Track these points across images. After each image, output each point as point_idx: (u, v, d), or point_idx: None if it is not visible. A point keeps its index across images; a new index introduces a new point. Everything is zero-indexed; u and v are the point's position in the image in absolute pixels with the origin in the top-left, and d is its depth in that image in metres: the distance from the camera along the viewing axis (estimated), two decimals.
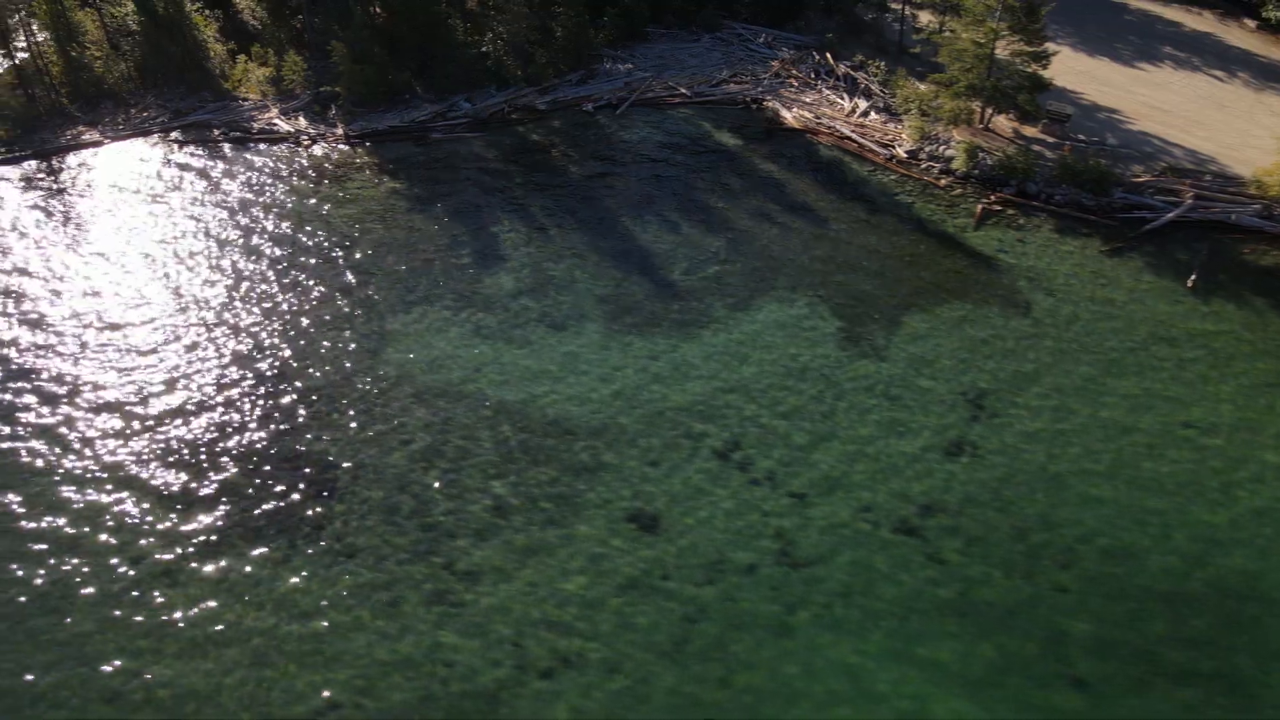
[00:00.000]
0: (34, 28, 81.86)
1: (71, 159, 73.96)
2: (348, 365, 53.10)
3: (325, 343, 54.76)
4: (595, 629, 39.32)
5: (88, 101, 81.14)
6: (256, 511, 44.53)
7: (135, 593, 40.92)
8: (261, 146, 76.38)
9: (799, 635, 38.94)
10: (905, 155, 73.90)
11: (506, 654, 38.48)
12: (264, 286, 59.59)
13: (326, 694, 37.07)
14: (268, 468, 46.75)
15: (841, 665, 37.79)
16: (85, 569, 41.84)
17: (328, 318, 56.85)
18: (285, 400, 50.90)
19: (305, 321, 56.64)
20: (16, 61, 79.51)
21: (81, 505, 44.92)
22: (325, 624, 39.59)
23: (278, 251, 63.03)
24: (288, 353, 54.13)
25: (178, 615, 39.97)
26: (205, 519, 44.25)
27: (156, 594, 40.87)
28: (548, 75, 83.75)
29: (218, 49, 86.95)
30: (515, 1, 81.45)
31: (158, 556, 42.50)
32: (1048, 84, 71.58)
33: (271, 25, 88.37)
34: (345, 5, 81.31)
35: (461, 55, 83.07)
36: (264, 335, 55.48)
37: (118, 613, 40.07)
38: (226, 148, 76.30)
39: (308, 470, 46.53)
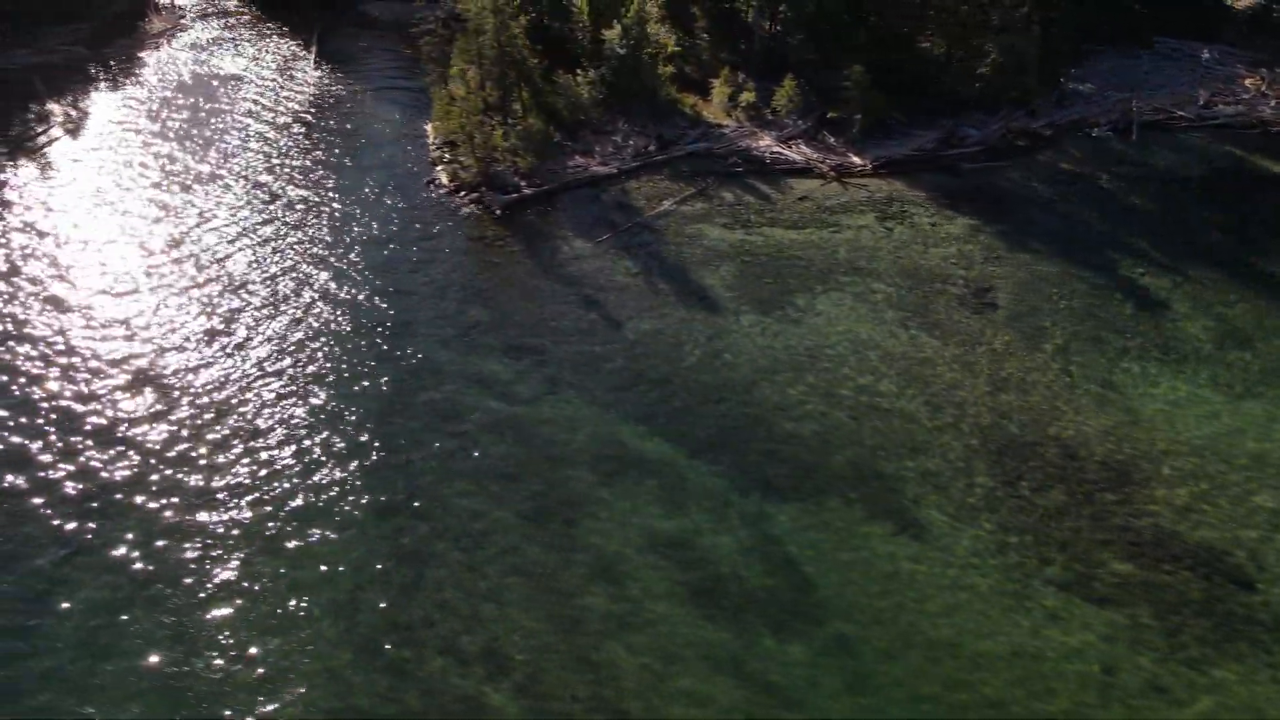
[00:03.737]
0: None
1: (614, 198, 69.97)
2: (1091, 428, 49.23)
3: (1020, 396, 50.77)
4: None
5: (568, 130, 77.01)
6: None
7: None
8: (790, 180, 72.06)
9: None
10: None
11: None
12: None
13: None
14: None
15: None
16: None
17: (1033, 373, 52.88)
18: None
19: (1009, 372, 52.69)
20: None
21: None
22: None
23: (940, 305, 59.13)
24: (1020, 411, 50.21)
25: None
26: None
27: None
28: (1034, 97, 79.58)
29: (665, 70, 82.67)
30: (1018, 20, 77.02)
31: None
32: None
33: (712, 47, 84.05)
34: (816, 29, 77.41)
35: (946, 77, 78.86)
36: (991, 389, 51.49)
37: None
38: (754, 180, 71.99)
39: None
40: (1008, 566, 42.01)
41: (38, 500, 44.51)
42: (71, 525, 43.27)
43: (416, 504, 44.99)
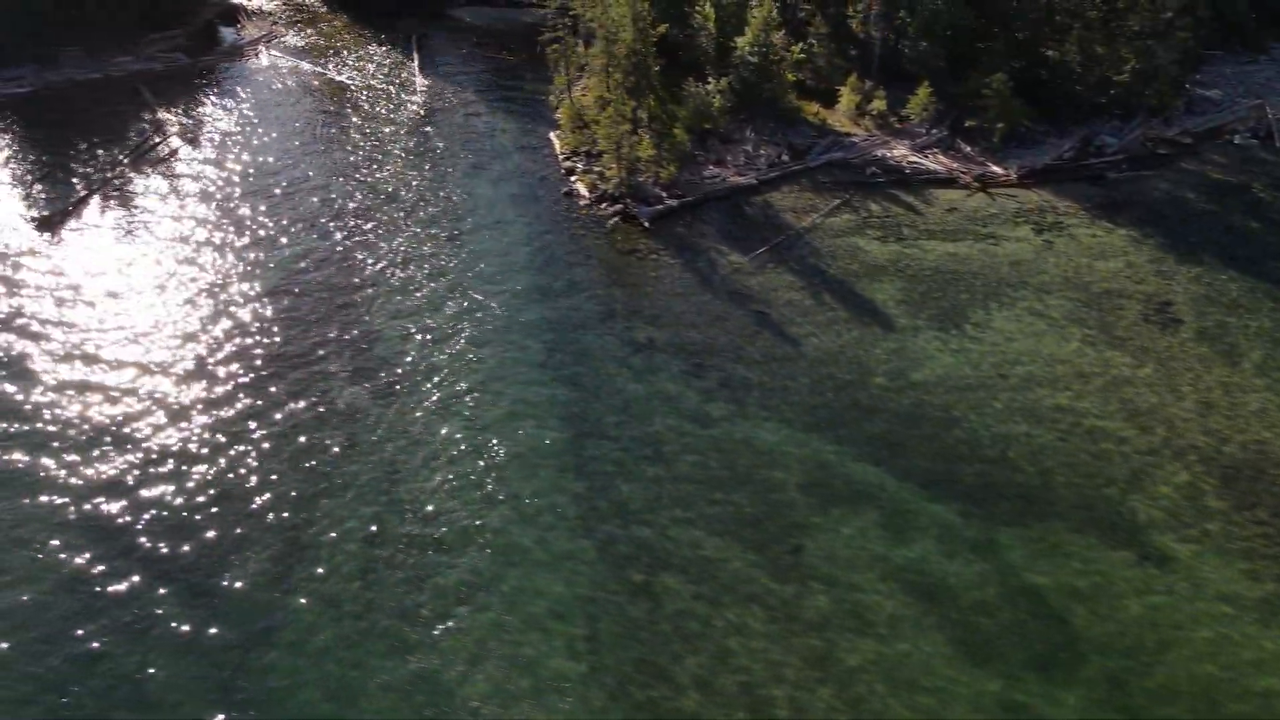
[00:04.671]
0: None
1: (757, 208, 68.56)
2: None
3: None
4: None
5: (698, 137, 75.57)
6: None
7: None
8: (933, 191, 70.60)
9: None
10: None
11: None
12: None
13: None
14: None
15: None
16: None
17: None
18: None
19: (1212, 391, 51.18)
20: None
21: None
22: None
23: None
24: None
25: None
26: None
27: None
28: (1169, 103, 78.09)
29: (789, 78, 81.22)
30: (1160, 26, 75.47)
31: None
32: None
33: (829, 55, 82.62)
34: (941, 36, 76.03)
35: (1076, 84, 77.33)
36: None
37: None
38: (896, 191, 70.57)
39: None
40: (1268, 598, 40.52)
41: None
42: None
43: (634, 534, 43.54)
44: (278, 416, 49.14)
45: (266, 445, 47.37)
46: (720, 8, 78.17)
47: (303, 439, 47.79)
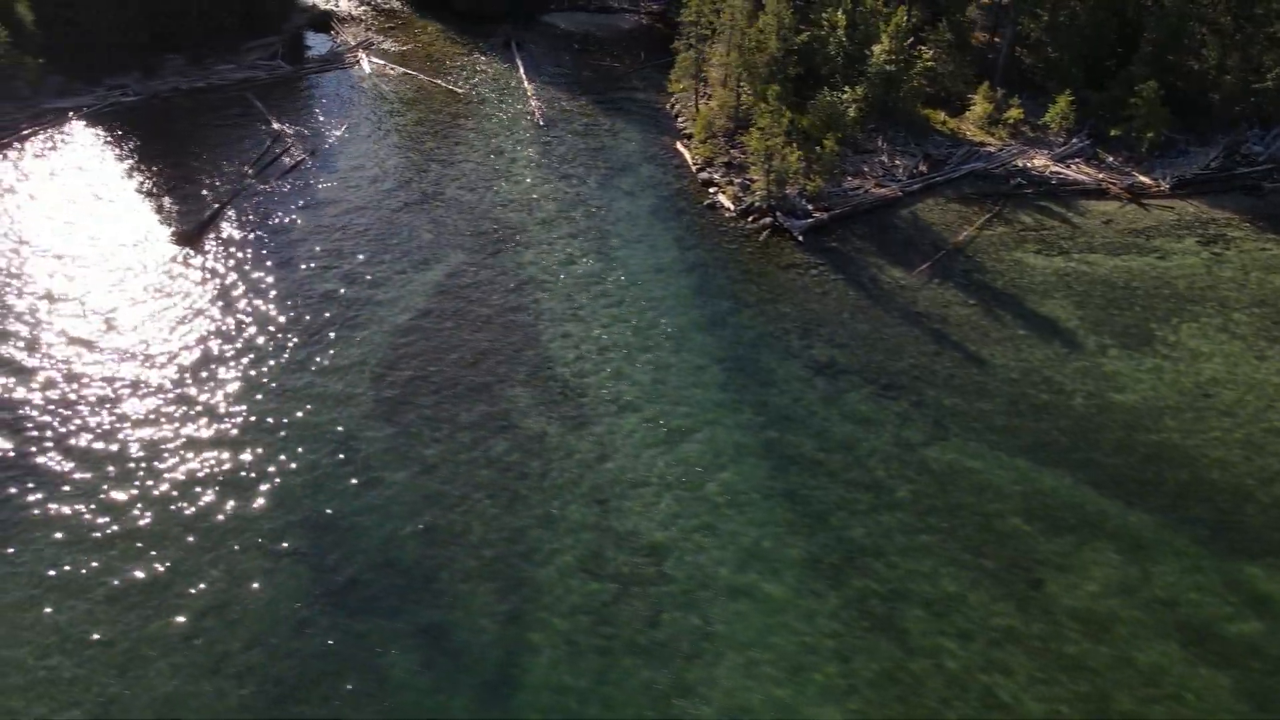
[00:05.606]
0: None
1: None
2: None
3: None
4: None
5: None
6: None
7: None
8: (1083, 202, 68.82)
9: None
10: None
11: None
12: None
13: None
14: None
15: None
16: None
17: None
18: None
19: None
20: None
21: None
22: None
23: None
24: None
25: None
26: None
27: None
28: None
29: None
30: None
31: None
32: None
33: (955, 62, 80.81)
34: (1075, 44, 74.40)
35: (1218, 91, 75.55)
36: None
37: None
38: (1044, 202, 68.85)
39: None
40: None
41: None
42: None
43: (865, 566, 41.82)
44: (465, 439, 47.50)
45: (462, 470, 45.66)
46: (852, 15, 76.29)
47: (498, 466, 46.10)
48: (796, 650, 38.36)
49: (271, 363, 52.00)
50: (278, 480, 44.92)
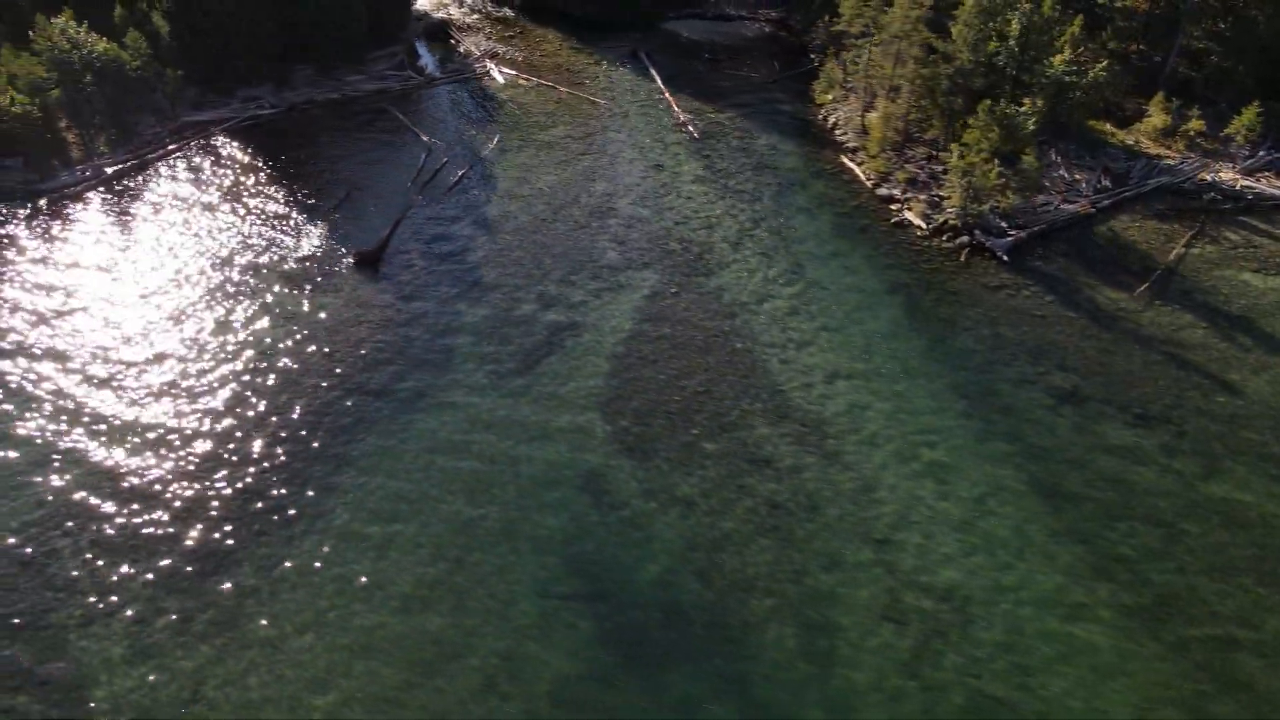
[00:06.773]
0: None
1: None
2: None
3: None
4: None
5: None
6: None
7: None
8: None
9: None
10: None
11: None
12: None
13: None
14: None
15: None
16: None
17: None
18: None
19: None
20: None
21: None
22: None
23: None
24: None
25: None
26: None
27: None
28: None
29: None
30: None
31: None
32: None
33: (1113, 72, 78.13)
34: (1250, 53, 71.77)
35: None
36: None
37: None
38: (1245, 218, 66.13)
39: None
40: None
41: None
42: None
43: (1180, 609, 39.26)
44: (707, 465, 45.16)
45: (725, 506, 43.25)
46: (1027, 23, 73.64)
47: (762, 500, 43.65)
48: (1141, 702, 35.77)
49: (493, 396, 49.63)
50: (534, 521, 42.52)
